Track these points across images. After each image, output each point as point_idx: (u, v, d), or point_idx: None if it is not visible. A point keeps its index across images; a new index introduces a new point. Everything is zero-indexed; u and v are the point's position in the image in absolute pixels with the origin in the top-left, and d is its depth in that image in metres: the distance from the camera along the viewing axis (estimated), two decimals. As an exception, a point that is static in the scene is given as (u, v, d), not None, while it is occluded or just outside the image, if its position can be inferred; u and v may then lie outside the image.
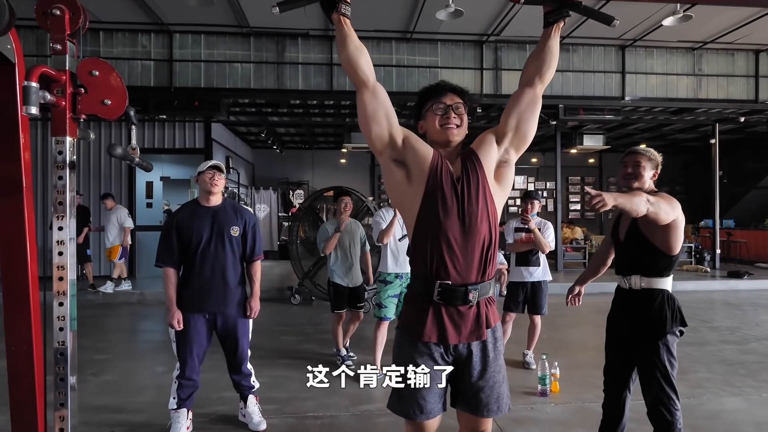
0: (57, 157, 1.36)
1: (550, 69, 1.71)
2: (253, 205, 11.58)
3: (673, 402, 2.26)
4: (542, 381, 3.54)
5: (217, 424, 3.05)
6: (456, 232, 1.56)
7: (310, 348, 4.79)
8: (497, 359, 1.65)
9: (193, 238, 2.85)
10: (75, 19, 1.35)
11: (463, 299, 1.55)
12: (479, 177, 1.61)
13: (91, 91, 1.37)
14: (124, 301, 7.36)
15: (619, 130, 11.50)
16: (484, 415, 1.63)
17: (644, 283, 2.29)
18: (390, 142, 1.62)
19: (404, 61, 8.05)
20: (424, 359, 1.58)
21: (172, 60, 7.61)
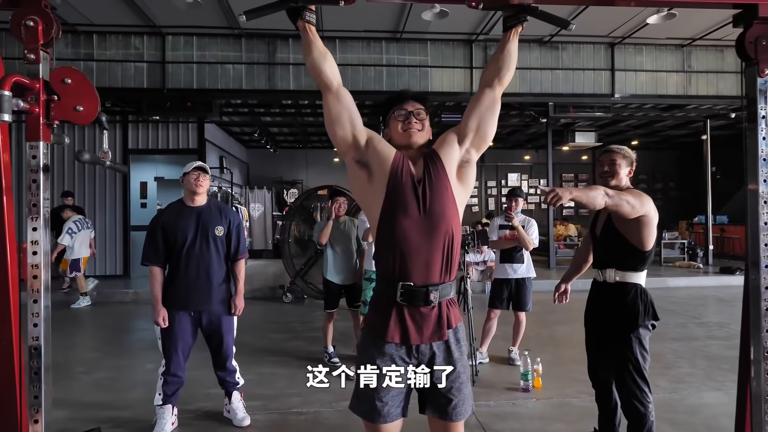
0: (31, 161, 1.42)
1: (509, 71, 1.75)
2: (247, 205, 11.64)
3: (645, 395, 2.33)
4: (524, 377, 3.60)
5: (203, 420, 3.12)
6: (417, 234, 1.58)
7: (298, 345, 4.86)
8: (461, 359, 1.66)
9: (178, 238, 2.91)
10: (48, 29, 1.41)
11: (425, 300, 1.57)
12: (441, 177, 1.63)
13: (64, 98, 1.43)
14: (119, 300, 7.42)
15: (611, 127, 11.57)
16: (454, 419, 1.63)
17: (618, 276, 2.38)
18: (353, 144, 1.67)
19: (394, 61, 8.11)
20: (386, 360, 1.59)
21: (164, 62, 7.66)
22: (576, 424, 3.00)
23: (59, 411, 3.24)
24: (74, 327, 5.92)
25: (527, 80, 8.54)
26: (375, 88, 8.05)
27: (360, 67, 8.05)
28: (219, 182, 10.23)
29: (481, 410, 3.24)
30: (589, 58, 8.73)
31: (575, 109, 9.11)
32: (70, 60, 7.50)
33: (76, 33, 7.49)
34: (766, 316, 1.55)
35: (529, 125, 10.64)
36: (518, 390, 3.57)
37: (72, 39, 7.53)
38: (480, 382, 3.76)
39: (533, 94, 8.62)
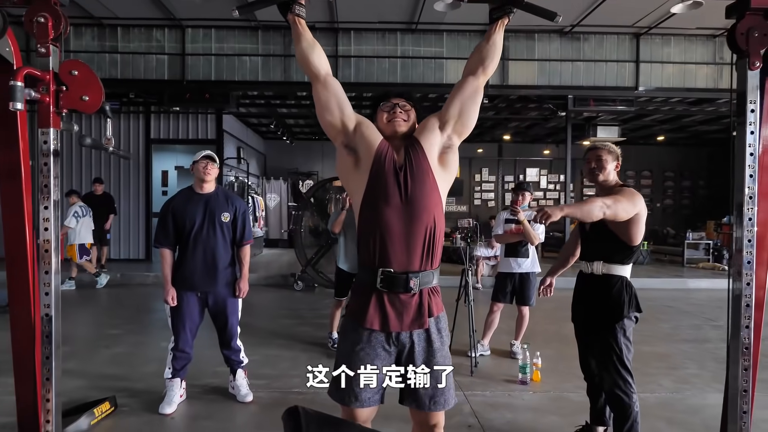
0: (42, 147, 1.56)
1: (493, 62, 1.78)
2: (264, 195, 11.87)
3: (629, 385, 2.38)
4: (523, 370, 3.62)
5: (209, 394, 3.28)
6: (398, 221, 1.60)
7: (304, 331, 5.02)
8: (442, 350, 1.66)
9: (186, 223, 3.07)
10: (57, 25, 1.55)
11: (405, 287, 1.59)
12: (422, 163, 1.66)
13: (72, 88, 1.57)
14: (140, 282, 7.73)
15: (635, 121, 11.32)
16: (431, 408, 1.63)
17: (605, 269, 2.43)
18: (342, 129, 1.73)
19: (409, 53, 8.12)
20: (364, 346, 1.60)
21: (184, 54, 7.87)
22: (569, 417, 3.02)
23: (79, 380, 3.46)
24: (98, 307, 6.22)
25: (546, 72, 8.40)
26: (389, 80, 8.09)
27: (375, 59, 8.10)
28: (236, 172, 10.46)
29: (477, 400, 3.31)
30: (613, 49, 8.45)
31: (596, 102, 8.91)
32: (96, 52, 7.78)
33: (101, 26, 7.75)
34: (747, 312, 1.58)
35: (548, 119, 10.51)
36: (516, 382, 3.62)
37: (98, 32, 7.80)
38: (479, 373, 3.82)
39: (552, 86, 8.48)
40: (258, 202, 11.07)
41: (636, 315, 2.45)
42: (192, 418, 2.96)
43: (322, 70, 1.74)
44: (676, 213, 14.72)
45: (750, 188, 1.53)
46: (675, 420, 3.09)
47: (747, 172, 1.52)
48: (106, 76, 7.77)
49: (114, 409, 2.96)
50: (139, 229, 9.26)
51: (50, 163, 1.58)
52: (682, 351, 4.62)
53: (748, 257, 1.55)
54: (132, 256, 9.28)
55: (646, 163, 14.60)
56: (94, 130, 8.80)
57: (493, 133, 12.93)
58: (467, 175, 14.51)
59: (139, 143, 9.21)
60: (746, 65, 1.53)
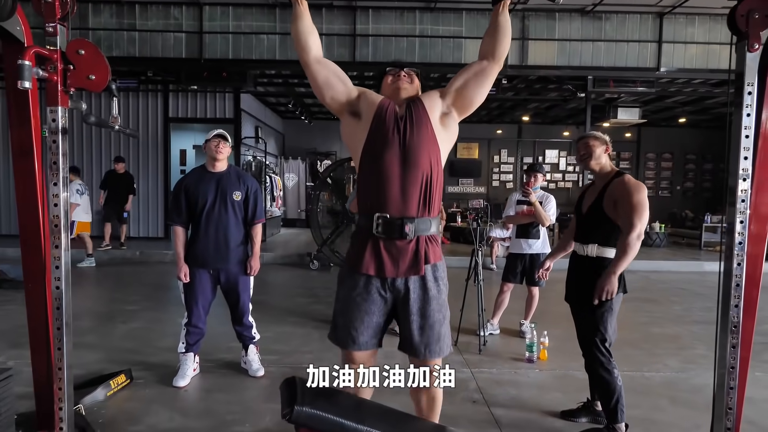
0: (51, 124, 1.61)
1: (502, 45, 1.78)
2: (282, 175, 11.96)
3: (610, 362, 2.48)
4: (529, 348, 3.68)
5: (222, 369, 3.39)
6: (396, 166, 1.64)
7: (318, 309, 5.10)
8: (438, 298, 1.69)
9: (198, 201, 3.12)
10: (64, 5, 1.57)
11: (400, 232, 1.60)
12: (422, 115, 1.71)
13: (79, 67, 1.60)
14: (159, 260, 7.92)
15: (656, 103, 11.03)
16: (426, 356, 1.67)
17: (599, 252, 2.51)
18: (347, 100, 1.77)
19: (428, 32, 8.00)
20: (361, 291, 1.65)
21: (201, 32, 7.88)
22: (573, 394, 3.07)
23: (97, 353, 3.60)
24: (117, 283, 6.41)
25: (566, 52, 8.23)
26: (407, 59, 7.98)
27: (393, 38, 8.00)
28: (254, 152, 10.53)
29: (483, 376, 3.36)
30: (635, 28, 8.26)
31: (617, 83, 8.72)
32: (114, 30, 7.84)
33: (120, 3, 7.80)
34: (736, 292, 1.57)
35: (567, 100, 10.31)
36: (523, 360, 3.66)
37: (116, 9, 7.84)
38: (487, 351, 3.87)
39: (572, 67, 8.31)
40: (276, 182, 11.16)
41: (620, 295, 2.53)
42: (204, 391, 3.06)
43: (318, 52, 1.78)
44: (697, 196, 14.40)
45: (744, 170, 1.50)
46: (678, 399, 3.11)
47: (742, 153, 1.49)
48: (124, 54, 7.85)
49: (129, 382, 3.08)
50: (158, 207, 9.45)
51: (59, 140, 1.63)
52: (692, 332, 4.59)
53: (739, 238, 1.55)
54: (151, 234, 9.49)
55: (668, 145, 14.28)
56: (103, 109, 8.94)
57: (512, 114, 12.74)
58: (486, 157, 14.37)
59: (158, 122, 9.33)
60: (745, 47, 1.50)
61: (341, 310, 1.70)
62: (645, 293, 6.50)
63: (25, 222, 1.87)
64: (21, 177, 1.87)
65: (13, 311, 4.47)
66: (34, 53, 1.51)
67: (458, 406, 2.90)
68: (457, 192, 14.20)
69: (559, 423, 2.72)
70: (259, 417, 2.69)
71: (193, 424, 2.63)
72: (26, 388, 1.99)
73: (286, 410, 1.23)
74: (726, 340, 1.58)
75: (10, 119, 1.81)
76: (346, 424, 1.23)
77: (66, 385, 1.68)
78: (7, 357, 3.36)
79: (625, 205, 2.40)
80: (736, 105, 1.56)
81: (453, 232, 10.47)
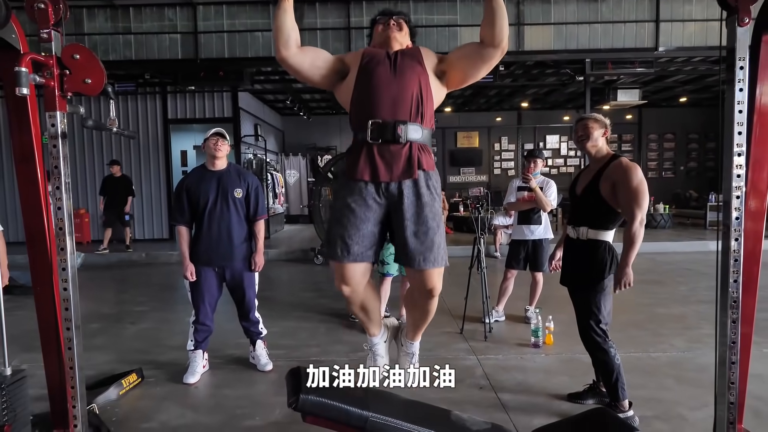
0: (50, 129, 1.63)
1: (500, 31, 1.73)
2: (283, 172, 11.98)
3: (606, 341, 2.52)
4: (535, 333, 3.70)
5: (231, 364, 3.43)
6: (387, 74, 1.68)
7: (323, 303, 5.14)
8: (432, 205, 1.68)
9: (200, 200, 3.15)
10: (57, 11, 1.59)
11: (393, 135, 1.62)
12: (415, 53, 1.76)
13: (75, 72, 1.62)
14: (165, 261, 7.98)
15: (656, 83, 10.97)
16: (421, 265, 1.64)
17: (591, 234, 2.54)
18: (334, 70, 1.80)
19: (422, 21, 7.96)
20: (355, 199, 1.65)
21: (196, 32, 7.87)
22: (579, 378, 3.09)
23: (108, 354, 3.65)
24: (125, 285, 6.47)
25: (563, 36, 8.18)
26: (403, 50, 7.97)
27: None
28: (254, 150, 10.55)
29: (489, 363, 3.39)
30: (631, 9, 8.19)
31: (615, 65, 8.66)
32: (110, 34, 7.85)
33: (114, 7, 7.79)
34: (735, 267, 1.59)
35: (566, 84, 10.25)
36: (529, 346, 3.68)
37: (111, 13, 7.84)
38: (492, 338, 3.89)
39: (569, 50, 8.25)
40: (277, 179, 11.18)
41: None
42: (214, 387, 3.10)
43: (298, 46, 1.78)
44: (701, 176, 14.34)
45: (738, 145, 1.51)
46: (684, 378, 3.13)
47: (735, 129, 1.50)
48: (120, 57, 7.86)
49: (141, 380, 3.13)
50: (161, 209, 9.50)
51: (59, 144, 1.65)
52: (697, 312, 4.61)
53: (736, 213, 1.56)
54: (156, 236, 9.55)
55: (669, 125, 14.20)
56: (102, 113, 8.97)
57: (511, 100, 12.69)
58: (486, 145, 14.34)
59: (157, 124, 9.36)
60: (735, 22, 1.50)
61: (336, 219, 1.69)
62: (650, 275, 6.50)
63: (30, 227, 1.90)
64: (24, 183, 1.90)
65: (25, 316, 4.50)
66: (30, 60, 1.53)
67: (465, 392, 2.93)
68: (459, 181, 14.20)
69: (566, 405, 2.74)
70: (269, 410, 2.73)
71: (204, 419, 2.68)
72: (41, 390, 2.03)
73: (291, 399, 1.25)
74: (726, 316, 1.60)
75: (11, 126, 1.83)
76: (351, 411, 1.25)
77: (78, 384, 1.72)
78: (21, 360, 3.41)
79: (625, 191, 2.41)
80: (729, 81, 1.56)
81: (456, 222, 10.49)
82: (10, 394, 1.78)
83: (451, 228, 10.32)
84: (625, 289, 2.43)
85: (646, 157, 14.39)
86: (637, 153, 14.33)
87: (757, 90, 1.58)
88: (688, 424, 2.52)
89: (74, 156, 9.27)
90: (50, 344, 1.87)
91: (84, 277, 6.63)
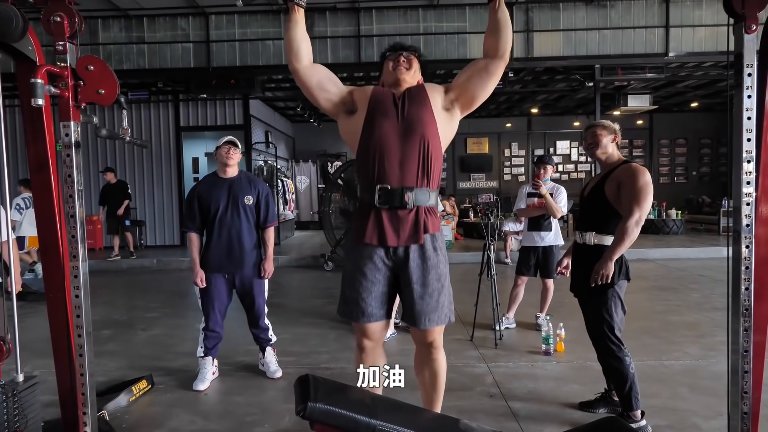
0: (64, 139, 1.67)
1: (504, 42, 1.78)
2: (293, 178, 12.05)
3: (620, 350, 2.51)
4: (546, 341, 3.66)
5: (241, 371, 3.44)
6: (394, 136, 1.68)
7: (333, 309, 5.01)
8: (437, 267, 1.73)
9: (211, 207, 3.18)
10: (72, 23, 1.63)
11: (400, 201, 1.66)
12: (422, 95, 1.75)
13: (88, 82, 1.65)
14: (176, 267, 8.05)
15: (667, 88, 10.90)
16: (425, 325, 1.71)
17: (597, 239, 2.56)
18: (341, 100, 1.81)
19: (432, 29, 8.01)
20: (365, 262, 1.71)
21: (209, 41, 7.99)
22: (591, 386, 3.05)
23: (119, 361, 3.68)
24: (136, 291, 6.53)
25: (572, 42, 8.19)
26: (412, 57, 8.01)
27: (397, 37, 8.01)
28: (265, 156, 10.63)
29: (500, 371, 3.37)
30: (641, 15, 8.20)
31: (624, 70, 8.64)
32: (124, 44, 7.99)
33: (128, 17, 7.95)
34: (746, 275, 1.57)
35: (576, 90, 10.23)
36: (540, 353, 3.65)
37: (125, 23, 8.00)
38: (503, 345, 3.87)
39: (579, 56, 8.26)
40: (288, 186, 11.26)
41: (625, 281, 2.54)
42: (224, 394, 3.11)
43: (309, 59, 1.80)
44: (713, 181, 14.18)
45: (748, 152, 1.50)
46: (698, 386, 3.08)
47: (744, 135, 1.49)
48: (134, 66, 8.00)
49: (151, 387, 3.15)
50: (173, 216, 9.60)
51: (72, 153, 1.68)
52: (712, 319, 4.54)
53: (746, 220, 1.54)
54: (167, 243, 9.65)
55: (680, 130, 14.09)
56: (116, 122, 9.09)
57: (521, 106, 12.68)
58: (497, 150, 14.32)
59: (170, 131, 9.48)
60: (743, 29, 1.49)
61: (349, 282, 1.75)
62: (663, 281, 6.43)
63: (44, 234, 1.94)
64: (39, 191, 1.94)
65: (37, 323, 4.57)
66: (46, 71, 1.56)
67: (475, 400, 2.91)
68: (469, 187, 14.17)
69: (578, 414, 2.71)
70: (278, 418, 2.73)
71: (213, 426, 2.69)
72: (53, 397, 2.06)
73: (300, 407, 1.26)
74: (738, 324, 1.57)
75: (26, 136, 1.87)
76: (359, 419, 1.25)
77: (88, 390, 1.74)
78: (33, 367, 3.46)
79: (628, 189, 2.39)
80: (737, 87, 1.56)
81: (466, 228, 10.45)
82: (22, 401, 1.81)
83: (461, 234, 10.29)
84: (601, 282, 2.39)
85: (658, 162, 14.26)
86: (648, 158, 14.20)
87: (766, 96, 1.57)
88: (702, 434, 2.48)
89: (88, 164, 9.42)
90: (62, 351, 1.90)
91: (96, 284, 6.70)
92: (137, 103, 9.29)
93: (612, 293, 2.47)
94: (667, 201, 11.57)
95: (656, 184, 13.87)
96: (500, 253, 7.83)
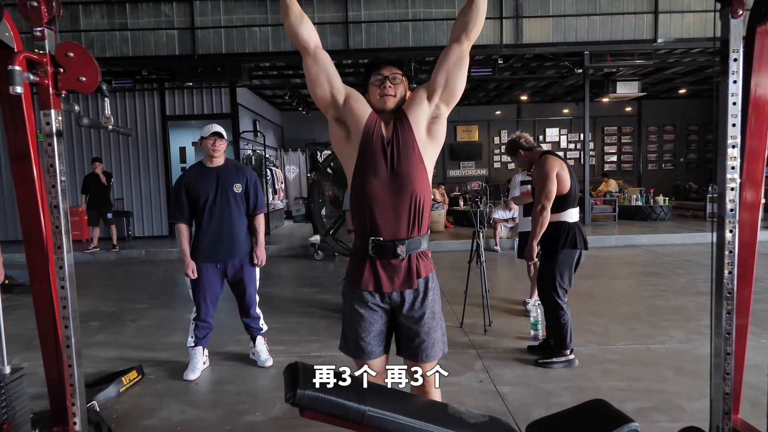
0: (45, 128, 1.63)
1: (476, 26, 1.75)
2: (282, 167, 11.97)
3: (560, 304, 3.16)
4: (534, 327, 3.71)
5: (231, 361, 3.44)
6: (385, 193, 1.71)
7: (323, 298, 5.15)
8: (431, 307, 1.81)
9: (200, 197, 3.15)
10: (50, 8, 1.58)
11: (393, 253, 1.73)
12: (408, 138, 1.73)
13: (69, 70, 1.61)
14: (165, 258, 7.99)
15: (656, 75, 10.94)
16: (422, 360, 1.81)
17: (552, 218, 3.14)
18: (332, 102, 1.77)
19: (420, 15, 7.93)
20: (362, 305, 1.78)
21: (194, 28, 7.85)
22: (578, 369, 3.12)
23: (109, 351, 3.67)
24: (125, 282, 6.47)
25: (561, 29, 8.16)
26: (401, 44, 7.93)
27: (386, 23, 7.94)
28: (253, 145, 10.54)
29: (489, 356, 3.40)
30: (630, 1, 8.18)
31: (613, 57, 8.64)
32: (107, 30, 7.82)
33: (110, 3, 7.77)
34: (729, 259, 1.59)
35: (565, 77, 10.23)
36: (528, 339, 3.70)
37: (107, 9, 7.82)
38: (492, 331, 3.90)
39: (567, 43, 8.24)
40: (277, 175, 11.18)
41: (569, 251, 3.14)
42: (215, 383, 3.12)
43: (311, 43, 1.75)
44: (700, 167, 14.35)
45: (732, 137, 1.51)
46: (683, 369, 3.14)
47: (729, 121, 1.50)
48: (117, 54, 7.84)
49: (141, 377, 3.14)
50: (160, 206, 9.50)
51: (54, 143, 1.65)
52: (697, 303, 4.62)
53: (730, 205, 1.56)
54: (156, 233, 9.56)
55: (669, 117, 14.19)
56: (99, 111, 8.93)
57: (510, 94, 12.66)
58: (486, 138, 14.33)
59: (155, 120, 9.34)
60: (729, 14, 1.50)
61: (348, 323, 1.83)
62: (650, 267, 6.52)
63: (27, 226, 1.90)
64: (20, 182, 1.89)
65: (24, 315, 4.54)
66: (24, 58, 1.52)
67: (464, 386, 2.95)
68: (459, 175, 14.19)
69: (565, 398, 2.75)
70: (269, 406, 2.74)
71: (204, 415, 2.69)
72: (41, 389, 2.04)
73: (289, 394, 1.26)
74: (721, 308, 1.60)
75: (6, 125, 1.83)
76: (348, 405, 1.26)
77: (77, 381, 1.73)
78: (21, 359, 3.43)
79: (534, 181, 3.10)
80: (722, 73, 1.56)
81: (455, 216, 10.49)
82: (9, 392, 1.79)
83: (450, 222, 10.32)
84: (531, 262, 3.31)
85: (646, 149, 14.38)
86: (637, 145, 14.31)
87: (751, 82, 1.58)
88: (686, 415, 2.53)
89: (72, 154, 9.27)
90: (49, 342, 1.88)
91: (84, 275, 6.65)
92: (122, 92, 9.13)
93: (556, 259, 3.12)
94: (655, 187, 11.68)
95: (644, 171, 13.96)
96: (489, 240, 7.87)
